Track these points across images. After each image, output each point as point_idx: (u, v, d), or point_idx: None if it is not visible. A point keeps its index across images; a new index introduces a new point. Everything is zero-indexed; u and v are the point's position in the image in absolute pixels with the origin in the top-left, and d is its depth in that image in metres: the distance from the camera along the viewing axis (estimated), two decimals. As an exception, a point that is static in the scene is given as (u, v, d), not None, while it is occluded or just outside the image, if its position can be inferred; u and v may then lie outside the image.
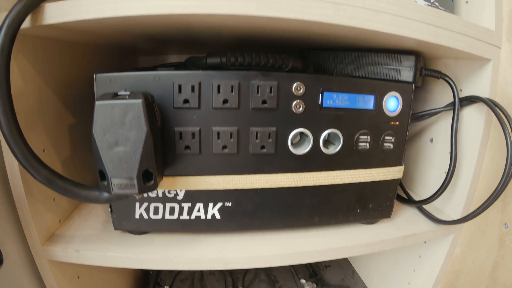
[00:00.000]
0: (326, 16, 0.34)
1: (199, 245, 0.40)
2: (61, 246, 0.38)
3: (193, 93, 0.34)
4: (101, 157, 0.30)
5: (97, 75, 0.34)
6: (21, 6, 0.30)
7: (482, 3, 0.46)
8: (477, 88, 0.46)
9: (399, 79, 0.44)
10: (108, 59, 0.59)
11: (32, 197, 0.37)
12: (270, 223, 0.41)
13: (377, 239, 0.43)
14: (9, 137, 0.30)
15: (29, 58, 0.37)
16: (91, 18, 0.32)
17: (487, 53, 0.43)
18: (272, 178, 0.38)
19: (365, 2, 0.35)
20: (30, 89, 0.37)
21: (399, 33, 0.37)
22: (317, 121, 0.38)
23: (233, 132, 0.36)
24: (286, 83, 0.36)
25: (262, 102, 0.35)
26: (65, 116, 0.44)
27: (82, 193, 0.33)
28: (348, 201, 0.42)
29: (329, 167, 0.40)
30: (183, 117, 0.35)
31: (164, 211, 0.38)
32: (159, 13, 0.32)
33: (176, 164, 0.36)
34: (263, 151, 0.37)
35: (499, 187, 0.41)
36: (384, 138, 0.40)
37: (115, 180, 0.31)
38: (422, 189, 0.56)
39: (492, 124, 0.45)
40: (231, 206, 0.39)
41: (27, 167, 0.31)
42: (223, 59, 0.40)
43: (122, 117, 0.30)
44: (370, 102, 0.39)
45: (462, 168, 0.48)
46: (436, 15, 0.38)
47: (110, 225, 0.39)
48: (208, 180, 0.37)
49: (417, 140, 0.57)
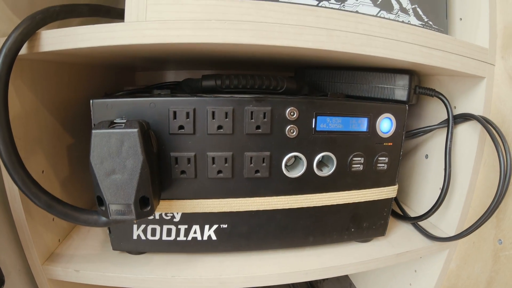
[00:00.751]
0: (320, 42, 0.34)
1: (196, 265, 0.41)
2: (61, 266, 0.39)
3: (188, 119, 0.35)
4: (99, 184, 0.31)
5: (94, 100, 0.35)
6: (18, 34, 0.31)
7: (476, 20, 0.47)
8: (471, 105, 0.46)
9: (393, 97, 0.45)
10: (105, 77, 0.59)
11: (32, 219, 0.38)
12: (265, 243, 0.42)
13: (371, 257, 0.43)
14: (9, 166, 0.31)
15: (27, 82, 0.37)
16: (87, 46, 0.33)
17: (481, 71, 0.44)
18: (267, 200, 0.39)
19: (358, 27, 0.35)
20: (28, 113, 0.37)
21: (392, 57, 0.37)
22: (310, 145, 0.38)
23: (227, 157, 0.36)
24: (280, 108, 0.36)
25: (256, 128, 0.36)
26: (63, 136, 0.45)
27: (81, 217, 0.34)
28: (342, 221, 0.43)
29: (323, 188, 0.40)
30: (178, 142, 0.35)
31: (161, 232, 0.39)
32: (154, 42, 0.32)
33: (173, 188, 0.37)
34: (257, 175, 0.37)
35: (493, 204, 0.42)
36: (378, 159, 0.41)
37: (113, 206, 0.32)
38: (417, 204, 0.56)
39: (486, 141, 0.46)
40: (227, 228, 0.39)
41: (28, 194, 0.32)
42: (218, 82, 0.41)
43: (118, 146, 0.30)
44: (363, 124, 0.39)
45: (456, 184, 0.48)
46: (429, 36, 0.39)
47: (109, 245, 0.40)
48: (204, 203, 0.38)
49: (412, 156, 0.58)
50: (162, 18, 0.32)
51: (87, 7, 0.41)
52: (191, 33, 0.32)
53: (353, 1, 0.39)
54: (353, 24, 0.35)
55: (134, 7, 0.32)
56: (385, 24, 0.36)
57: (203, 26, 0.32)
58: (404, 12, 0.42)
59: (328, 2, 0.38)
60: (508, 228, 0.45)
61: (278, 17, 0.33)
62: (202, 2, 0.32)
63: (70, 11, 0.39)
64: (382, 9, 0.40)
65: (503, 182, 0.41)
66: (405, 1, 0.42)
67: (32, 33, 0.32)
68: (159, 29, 0.32)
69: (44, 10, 0.35)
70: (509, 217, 0.44)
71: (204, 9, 0.32)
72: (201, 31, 0.32)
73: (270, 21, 0.33)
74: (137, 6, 0.32)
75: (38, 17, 0.33)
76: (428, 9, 0.43)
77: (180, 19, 0.32)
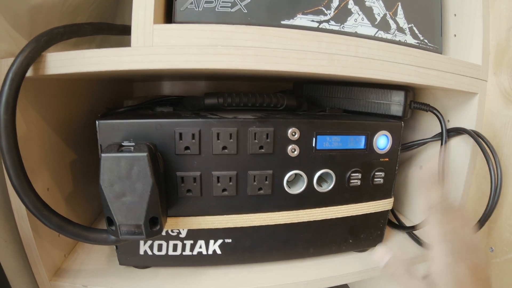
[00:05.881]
0: (321, 67, 0.35)
1: (201, 278, 0.42)
2: (68, 281, 0.40)
3: (193, 140, 0.36)
4: (109, 206, 0.32)
5: (100, 122, 0.35)
6: (23, 58, 0.31)
7: (470, 37, 0.48)
8: (464, 119, 0.48)
9: (389, 113, 0.46)
10: (105, 90, 0.60)
11: (39, 236, 0.38)
12: (268, 256, 0.43)
13: (368, 266, 0.45)
14: (19, 190, 0.31)
15: (31, 101, 0.37)
16: (93, 70, 0.33)
17: (474, 88, 0.45)
18: (269, 216, 0.40)
19: (358, 50, 0.37)
20: (33, 132, 0.38)
21: (390, 78, 0.39)
22: (311, 163, 0.39)
23: (232, 176, 0.37)
24: (282, 128, 0.38)
25: (259, 148, 0.37)
26: (66, 153, 0.45)
27: (91, 236, 0.35)
28: (341, 233, 0.44)
29: (322, 203, 0.42)
30: (184, 162, 0.36)
31: (167, 247, 0.40)
32: (161, 67, 0.33)
33: (179, 205, 0.38)
34: (260, 192, 0.39)
35: (485, 214, 0.44)
36: (375, 174, 0.42)
37: (123, 227, 0.33)
38: (412, 213, 0.58)
39: (478, 154, 0.48)
40: (231, 242, 0.41)
41: (39, 217, 0.32)
42: (220, 100, 0.42)
43: (128, 170, 0.31)
44: (361, 142, 0.41)
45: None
46: (425, 56, 0.40)
47: (114, 259, 0.41)
48: (209, 220, 0.39)
49: (407, 167, 0.59)
50: (169, 44, 0.33)
51: (90, 26, 0.42)
52: (197, 58, 0.33)
53: (352, 22, 0.40)
54: (353, 48, 0.36)
55: (140, 32, 0.32)
56: (383, 46, 0.38)
57: (209, 51, 0.33)
58: (401, 32, 0.43)
59: (328, 24, 0.39)
60: (499, 236, 0.47)
61: (282, 42, 0.34)
62: (208, 28, 0.33)
63: (74, 31, 0.39)
64: (380, 29, 0.41)
65: (493, 194, 0.43)
66: (402, 21, 0.43)
67: (38, 56, 0.32)
68: (166, 54, 0.32)
69: (48, 32, 0.35)
70: (500, 226, 0.47)
71: (210, 35, 0.33)
72: (207, 56, 0.33)
73: (274, 47, 0.34)
74: (143, 31, 0.32)
75: (43, 39, 0.33)
76: (424, 27, 0.45)
77: (186, 44, 0.33)
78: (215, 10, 0.35)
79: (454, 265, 0.29)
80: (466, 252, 0.31)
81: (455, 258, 0.30)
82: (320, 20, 0.38)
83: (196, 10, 0.35)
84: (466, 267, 0.29)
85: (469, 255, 0.32)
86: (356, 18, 0.40)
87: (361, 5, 0.40)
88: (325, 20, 0.38)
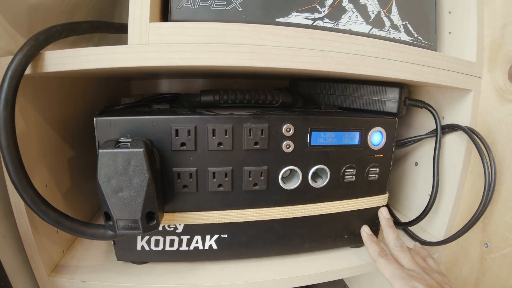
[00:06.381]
0: (315, 63, 0.36)
1: (198, 273, 0.42)
2: (67, 277, 0.41)
3: (189, 136, 0.36)
4: (106, 201, 0.32)
5: (98, 118, 0.36)
6: (22, 56, 0.31)
7: (464, 34, 0.49)
8: (459, 116, 0.48)
9: (384, 109, 0.47)
10: (103, 87, 0.60)
11: (38, 232, 0.39)
12: (264, 251, 0.44)
13: (364, 261, 0.46)
14: (18, 186, 0.32)
15: (29, 99, 0.38)
16: (90, 68, 0.33)
17: (468, 84, 0.46)
18: (265, 211, 0.41)
19: (352, 48, 0.37)
20: (31, 129, 0.38)
21: (384, 75, 0.39)
22: (305, 159, 0.40)
23: (227, 172, 0.38)
24: (277, 125, 0.38)
25: (254, 144, 0.38)
26: (64, 150, 0.46)
27: (89, 232, 0.35)
28: (336, 228, 0.45)
29: (317, 199, 0.42)
30: (180, 158, 0.37)
31: (164, 243, 0.41)
32: (157, 65, 0.33)
33: (175, 201, 0.38)
34: (255, 188, 0.39)
35: (479, 209, 0.44)
36: (369, 170, 0.43)
37: (120, 222, 0.33)
38: (407, 209, 0.59)
39: (472, 150, 0.48)
40: (227, 237, 0.41)
41: (37, 212, 0.33)
42: (216, 97, 0.42)
43: (125, 165, 0.32)
44: (355, 138, 0.41)
45: (444, 191, 0.50)
46: (419, 54, 0.41)
47: (112, 255, 0.42)
48: (205, 215, 0.39)
49: (402, 163, 0.60)
50: (165, 41, 0.33)
51: (88, 24, 0.42)
52: (193, 56, 0.33)
53: (346, 20, 0.40)
54: (346, 45, 0.37)
55: (136, 30, 0.33)
56: (377, 43, 0.38)
57: (204, 49, 0.33)
58: (395, 29, 0.43)
59: (322, 22, 0.39)
60: (494, 232, 0.47)
61: (276, 39, 0.34)
62: (203, 26, 0.33)
63: (71, 29, 0.39)
64: (374, 26, 0.42)
65: (488, 189, 0.44)
66: (396, 18, 0.43)
67: (36, 54, 0.33)
68: (162, 52, 0.33)
69: (47, 30, 0.35)
70: (494, 222, 0.47)
71: (205, 33, 0.33)
72: (202, 54, 0.33)
73: (268, 44, 0.34)
74: (139, 29, 0.33)
75: (42, 37, 0.34)
76: (418, 25, 0.45)
77: (181, 42, 0.33)
78: (211, 8, 0.36)
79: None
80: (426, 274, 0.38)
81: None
82: (314, 18, 0.39)
83: (191, 8, 0.36)
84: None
85: (431, 275, 0.39)
86: (350, 15, 0.40)
87: (355, 2, 0.40)
88: (320, 18, 0.39)
